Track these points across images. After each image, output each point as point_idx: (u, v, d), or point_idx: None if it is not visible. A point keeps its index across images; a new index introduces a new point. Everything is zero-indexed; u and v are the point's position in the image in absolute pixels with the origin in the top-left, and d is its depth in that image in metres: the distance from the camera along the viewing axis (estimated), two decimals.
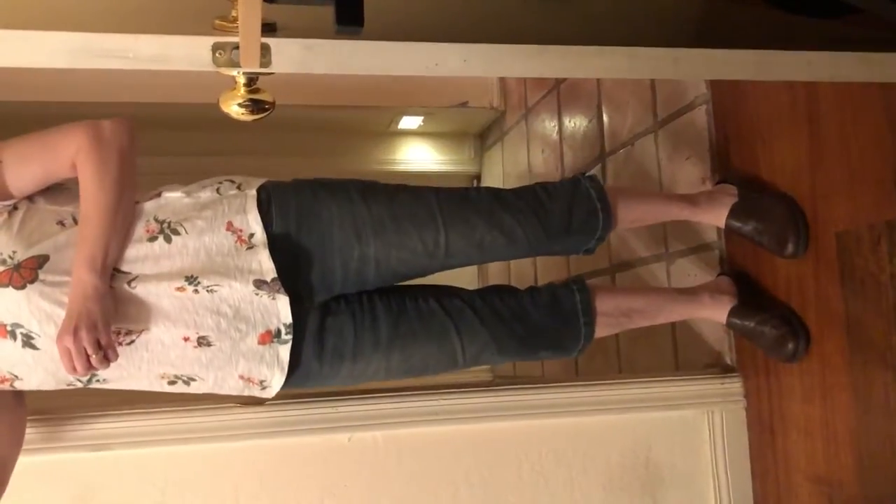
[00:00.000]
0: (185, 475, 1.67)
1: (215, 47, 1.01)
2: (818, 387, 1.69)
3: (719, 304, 1.77)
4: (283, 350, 1.41)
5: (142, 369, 1.37)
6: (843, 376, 1.62)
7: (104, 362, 1.26)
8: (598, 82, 2.72)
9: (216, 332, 1.35)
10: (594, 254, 1.68)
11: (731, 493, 1.87)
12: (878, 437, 1.55)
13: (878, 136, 1.52)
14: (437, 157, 4.25)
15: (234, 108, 1.36)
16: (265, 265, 1.37)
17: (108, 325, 1.26)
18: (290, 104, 2.06)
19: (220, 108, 1.38)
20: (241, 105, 1.36)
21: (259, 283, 1.36)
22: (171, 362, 1.37)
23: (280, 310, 1.39)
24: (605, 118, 2.66)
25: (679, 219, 1.82)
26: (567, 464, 1.83)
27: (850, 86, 1.56)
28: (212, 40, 1.01)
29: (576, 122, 2.91)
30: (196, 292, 1.33)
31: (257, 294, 1.37)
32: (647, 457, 1.87)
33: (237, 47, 1.00)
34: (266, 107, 1.38)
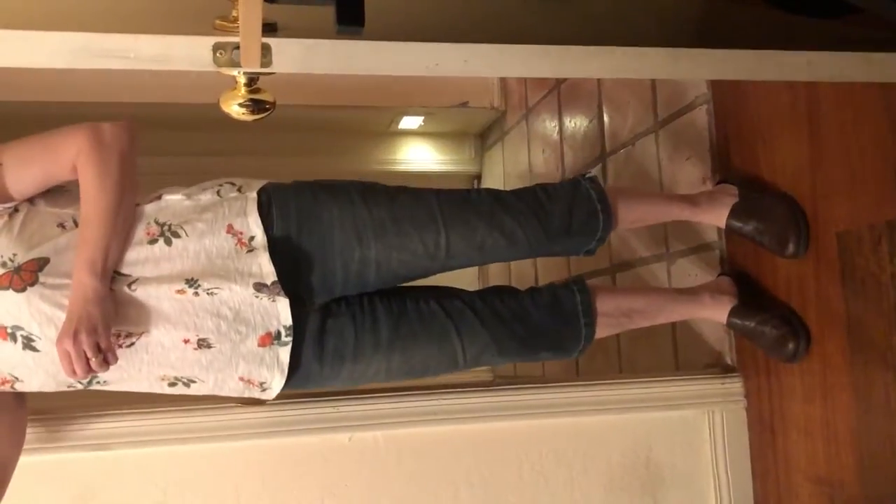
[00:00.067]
0: (185, 475, 1.67)
1: (216, 47, 1.01)
2: (819, 387, 1.69)
3: (720, 304, 1.77)
4: (283, 352, 1.41)
5: (142, 371, 1.37)
6: (844, 376, 1.62)
7: (104, 366, 1.26)
8: (598, 82, 2.72)
9: (216, 335, 1.35)
10: (595, 254, 1.68)
11: (732, 493, 1.87)
12: (879, 437, 1.55)
13: (878, 136, 1.52)
14: (437, 157, 4.25)
15: (235, 107, 1.36)
16: (265, 268, 1.37)
17: (108, 328, 1.26)
18: (291, 104, 2.06)
19: (220, 108, 1.39)
20: (242, 105, 1.36)
21: (259, 286, 1.36)
22: (172, 364, 1.37)
23: (280, 312, 1.39)
24: (605, 118, 2.66)
25: (680, 219, 1.82)
26: (567, 464, 1.83)
27: (851, 86, 1.56)
28: (212, 40, 1.01)
29: (576, 122, 2.91)
30: (196, 295, 1.33)
31: (257, 297, 1.37)
32: (647, 457, 1.87)
33: (238, 47, 1.00)
34: (267, 107, 1.38)
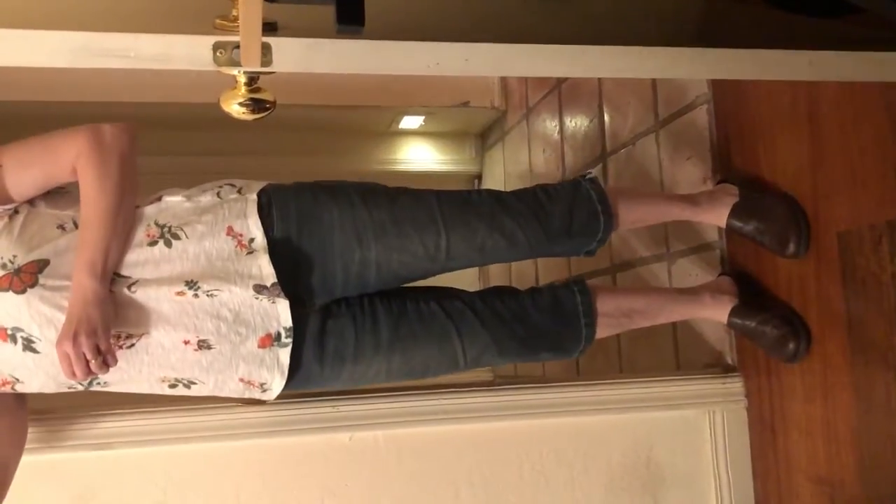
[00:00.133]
0: (186, 474, 1.67)
1: (216, 46, 1.01)
2: (819, 386, 1.69)
3: (720, 304, 1.77)
4: (283, 354, 1.41)
5: (142, 373, 1.37)
6: (845, 376, 1.62)
7: (103, 368, 1.26)
8: (599, 82, 2.72)
9: (216, 336, 1.35)
10: (595, 255, 1.68)
11: (733, 493, 1.87)
12: (880, 437, 1.55)
13: (879, 136, 1.51)
14: (438, 156, 4.25)
15: (235, 107, 1.36)
16: (265, 270, 1.37)
17: (108, 330, 1.26)
18: (291, 104, 2.06)
19: (220, 108, 1.38)
20: (242, 104, 1.36)
21: (259, 287, 1.36)
22: (172, 366, 1.37)
23: (280, 313, 1.39)
24: (606, 118, 2.66)
25: (680, 219, 1.82)
26: (568, 463, 1.83)
27: (852, 85, 1.56)
28: (213, 39, 1.01)
29: (577, 122, 2.91)
30: (196, 297, 1.33)
31: (257, 298, 1.37)
32: (648, 456, 1.87)
33: (238, 46, 1.00)
34: (267, 106, 1.37)
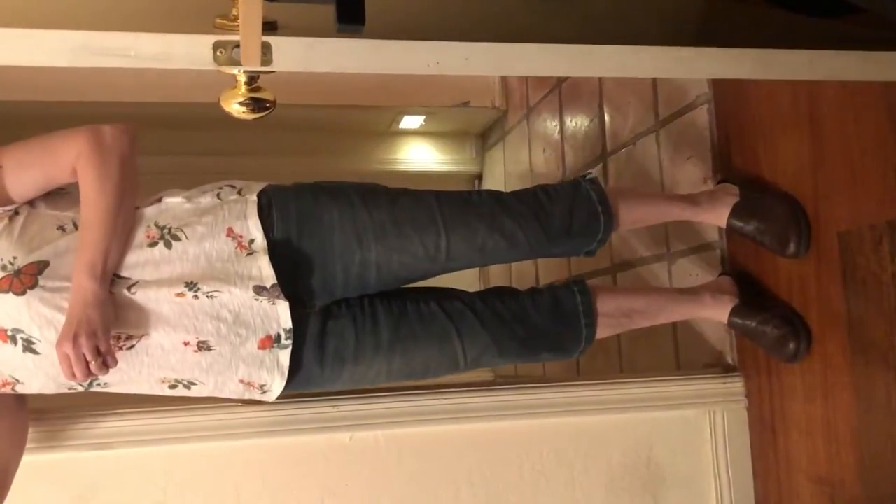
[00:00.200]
0: (186, 474, 1.66)
1: (216, 46, 1.01)
2: (820, 386, 1.69)
3: (720, 304, 1.77)
4: (283, 355, 1.41)
5: (142, 374, 1.37)
6: (845, 376, 1.62)
7: (103, 369, 1.26)
8: (599, 82, 2.72)
9: (216, 337, 1.35)
10: (595, 255, 1.68)
11: (733, 493, 1.87)
12: (880, 437, 1.54)
13: (879, 136, 1.51)
14: (438, 156, 4.25)
15: (235, 106, 1.35)
16: (265, 271, 1.37)
17: (108, 331, 1.26)
18: (291, 103, 2.06)
19: (221, 107, 1.38)
20: (242, 104, 1.35)
21: (259, 288, 1.36)
22: (172, 367, 1.37)
23: (280, 315, 1.39)
24: (606, 118, 2.66)
25: (681, 219, 1.82)
26: (568, 463, 1.83)
27: (852, 85, 1.55)
28: (213, 39, 1.01)
29: (577, 122, 2.91)
30: (196, 298, 1.33)
31: (257, 299, 1.37)
32: (648, 456, 1.87)
33: (238, 46, 1.00)
34: (267, 105, 1.37)
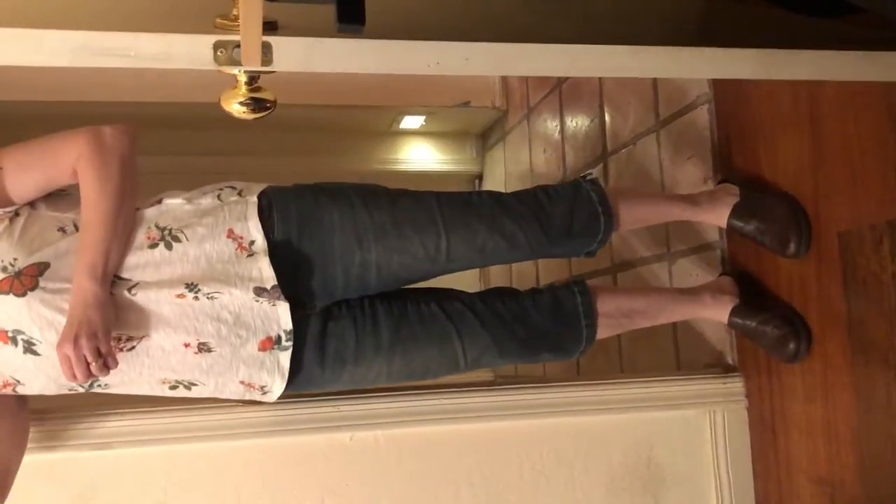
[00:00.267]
0: (186, 474, 1.66)
1: (217, 45, 1.01)
2: (820, 387, 1.69)
3: (721, 304, 1.77)
4: (283, 356, 1.41)
5: (143, 375, 1.37)
6: (845, 376, 1.62)
7: (104, 370, 1.26)
8: (599, 82, 2.72)
9: (216, 339, 1.35)
10: (595, 256, 1.68)
11: (733, 493, 1.87)
12: (880, 437, 1.54)
13: (880, 136, 1.51)
14: (438, 156, 4.25)
15: (236, 106, 1.35)
16: (265, 273, 1.37)
17: (108, 333, 1.26)
18: (292, 103, 2.05)
19: (221, 107, 1.38)
20: (243, 104, 1.35)
21: (259, 290, 1.36)
22: (172, 368, 1.37)
23: (280, 316, 1.39)
24: (606, 118, 2.66)
25: (681, 219, 1.82)
26: (568, 463, 1.83)
27: (853, 85, 1.55)
28: (213, 38, 1.01)
29: (578, 122, 2.91)
30: (196, 299, 1.33)
31: (257, 301, 1.37)
32: (648, 456, 1.87)
33: (238, 46, 1.00)
34: (267, 105, 1.37)
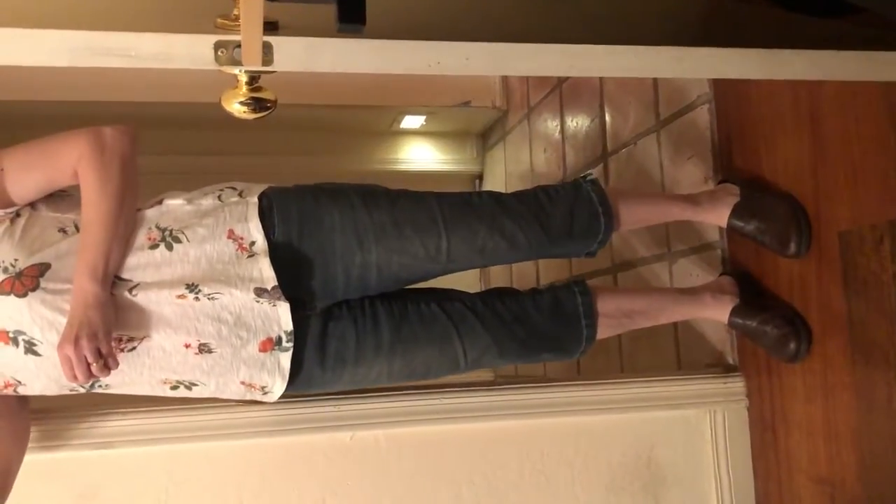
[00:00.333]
0: (187, 473, 1.67)
1: (217, 45, 1.01)
2: (820, 386, 1.69)
3: (721, 304, 1.77)
4: (284, 357, 1.41)
5: (143, 375, 1.37)
6: (846, 376, 1.62)
7: (104, 370, 1.26)
8: (600, 81, 2.72)
9: (217, 339, 1.36)
10: (596, 256, 1.68)
11: (734, 493, 1.87)
12: (881, 437, 1.54)
13: (880, 136, 1.51)
14: (439, 156, 4.25)
15: (236, 106, 1.35)
16: (266, 273, 1.37)
17: (109, 333, 1.26)
18: (292, 103, 2.06)
19: (221, 107, 1.38)
20: (243, 103, 1.35)
21: (260, 290, 1.37)
22: (173, 368, 1.37)
23: (281, 317, 1.39)
24: (607, 118, 2.66)
25: (681, 219, 1.82)
26: (569, 463, 1.83)
27: (853, 85, 1.55)
28: (214, 38, 1.01)
29: (578, 122, 2.91)
30: (197, 300, 1.33)
31: (258, 301, 1.37)
32: (649, 456, 1.87)
33: (239, 45, 1.00)
34: (268, 105, 1.37)
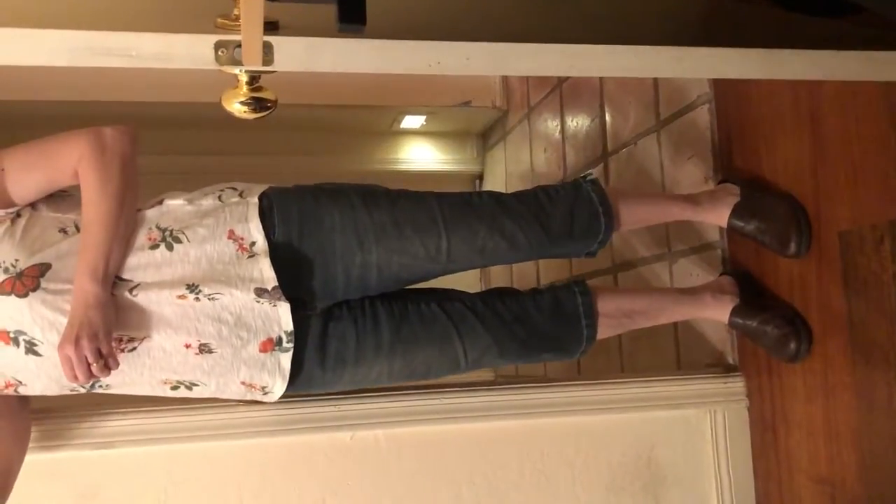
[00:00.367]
0: (188, 473, 1.67)
1: (218, 45, 1.01)
2: (821, 386, 1.69)
3: (721, 304, 1.77)
4: (284, 358, 1.41)
5: (144, 375, 1.37)
6: (846, 376, 1.62)
7: (105, 371, 1.26)
8: (600, 81, 2.72)
9: (217, 340, 1.36)
10: (596, 256, 1.68)
11: (734, 493, 1.87)
12: (881, 437, 1.54)
13: (880, 136, 1.51)
14: (439, 156, 4.25)
15: (237, 106, 1.36)
16: (266, 273, 1.37)
17: (110, 333, 1.26)
18: (293, 103, 2.06)
19: (222, 107, 1.38)
20: (244, 103, 1.35)
21: (260, 291, 1.37)
22: (173, 369, 1.37)
23: (281, 317, 1.39)
24: (607, 118, 2.66)
25: (681, 219, 1.82)
26: (569, 463, 1.83)
27: (853, 85, 1.56)
28: (214, 38, 1.01)
29: (578, 122, 2.91)
30: (197, 300, 1.33)
31: (258, 302, 1.37)
32: (649, 456, 1.87)
33: (239, 45, 1.00)
34: (268, 105, 1.37)
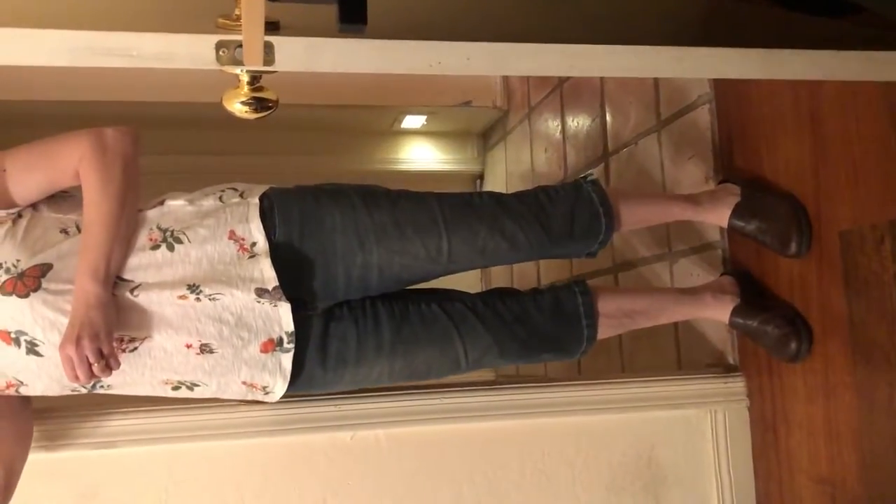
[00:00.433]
0: (188, 473, 1.67)
1: (219, 45, 1.01)
2: (821, 386, 1.69)
3: (722, 304, 1.77)
4: (285, 358, 1.42)
5: (145, 376, 1.37)
6: (847, 376, 1.62)
7: (106, 371, 1.26)
8: (601, 81, 2.72)
9: (218, 340, 1.36)
10: (596, 256, 1.68)
11: (734, 493, 1.87)
12: (882, 437, 1.54)
13: (881, 136, 1.51)
14: (440, 156, 4.25)
15: (238, 106, 1.36)
16: (267, 274, 1.38)
17: (111, 334, 1.27)
18: (293, 103, 2.06)
19: (223, 107, 1.39)
20: (245, 103, 1.36)
21: (261, 291, 1.37)
22: (174, 369, 1.37)
23: (282, 317, 1.39)
24: (608, 117, 2.66)
25: (682, 219, 1.82)
26: (570, 463, 1.83)
27: (853, 85, 1.56)
28: (215, 38, 1.01)
29: (579, 122, 2.91)
30: (198, 300, 1.34)
31: (259, 302, 1.37)
32: (649, 456, 1.87)
33: (240, 45, 1.00)
34: (269, 105, 1.38)
